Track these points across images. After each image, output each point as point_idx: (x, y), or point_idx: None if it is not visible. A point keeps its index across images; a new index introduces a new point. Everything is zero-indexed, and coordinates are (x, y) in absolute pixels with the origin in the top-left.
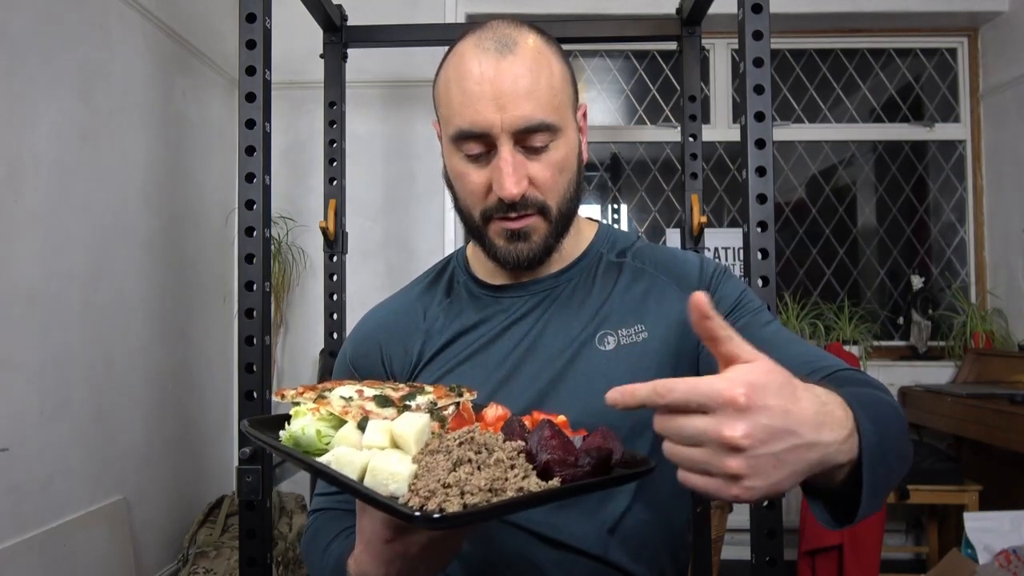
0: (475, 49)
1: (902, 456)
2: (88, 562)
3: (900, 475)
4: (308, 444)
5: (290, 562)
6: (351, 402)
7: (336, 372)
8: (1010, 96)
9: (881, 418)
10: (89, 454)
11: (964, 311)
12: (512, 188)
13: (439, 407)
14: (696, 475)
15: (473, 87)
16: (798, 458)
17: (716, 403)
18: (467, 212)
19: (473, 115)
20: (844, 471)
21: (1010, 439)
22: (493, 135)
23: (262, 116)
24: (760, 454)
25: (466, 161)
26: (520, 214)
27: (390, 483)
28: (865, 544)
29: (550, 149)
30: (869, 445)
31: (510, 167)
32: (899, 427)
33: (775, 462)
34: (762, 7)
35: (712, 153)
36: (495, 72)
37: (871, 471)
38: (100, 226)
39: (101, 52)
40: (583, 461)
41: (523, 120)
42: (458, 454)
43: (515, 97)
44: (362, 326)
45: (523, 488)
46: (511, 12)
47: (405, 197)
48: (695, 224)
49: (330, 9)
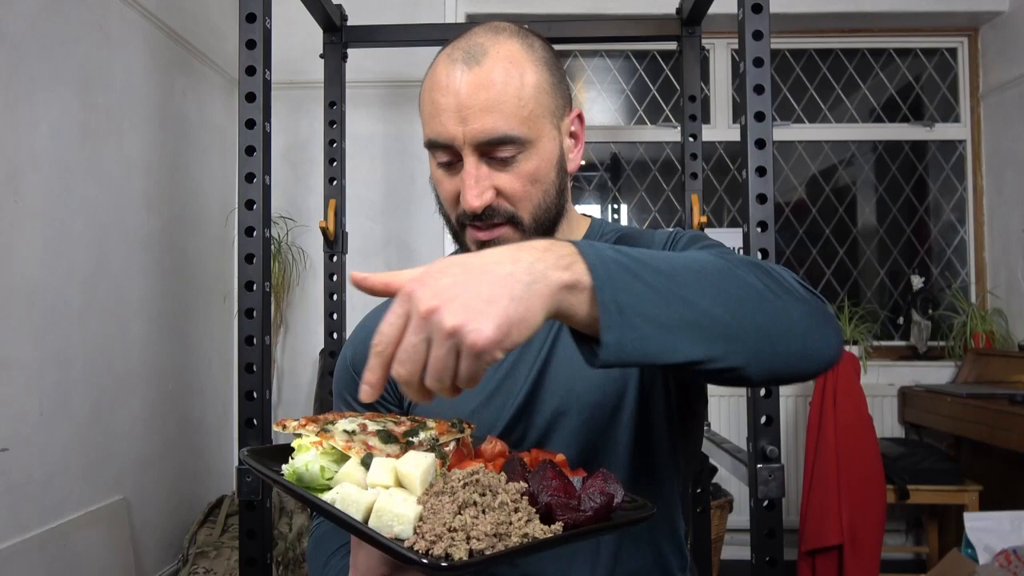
0: (446, 59)
1: (713, 292)
2: (88, 562)
3: (727, 310)
4: (311, 480)
5: (290, 562)
6: (354, 436)
7: (337, 375)
8: (1010, 96)
9: (663, 260)
10: (89, 454)
11: (964, 311)
12: (473, 201)
13: (441, 443)
14: (432, 371)
15: (439, 99)
16: (492, 282)
17: (401, 294)
18: (445, 217)
19: (438, 127)
20: (584, 298)
21: (1010, 439)
22: (456, 147)
23: (262, 116)
24: (455, 296)
25: (440, 169)
26: (488, 223)
27: (395, 525)
28: (865, 544)
29: (519, 161)
30: (602, 268)
31: (472, 179)
32: (715, 272)
33: (470, 293)
34: (762, 7)
35: (712, 153)
36: (459, 84)
37: (607, 291)
38: (100, 226)
39: (101, 52)
40: (586, 505)
41: (484, 134)
42: (463, 496)
43: (476, 110)
44: (362, 329)
45: (528, 534)
46: (511, 12)
47: (405, 197)
48: (695, 224)
49: (330, 9)
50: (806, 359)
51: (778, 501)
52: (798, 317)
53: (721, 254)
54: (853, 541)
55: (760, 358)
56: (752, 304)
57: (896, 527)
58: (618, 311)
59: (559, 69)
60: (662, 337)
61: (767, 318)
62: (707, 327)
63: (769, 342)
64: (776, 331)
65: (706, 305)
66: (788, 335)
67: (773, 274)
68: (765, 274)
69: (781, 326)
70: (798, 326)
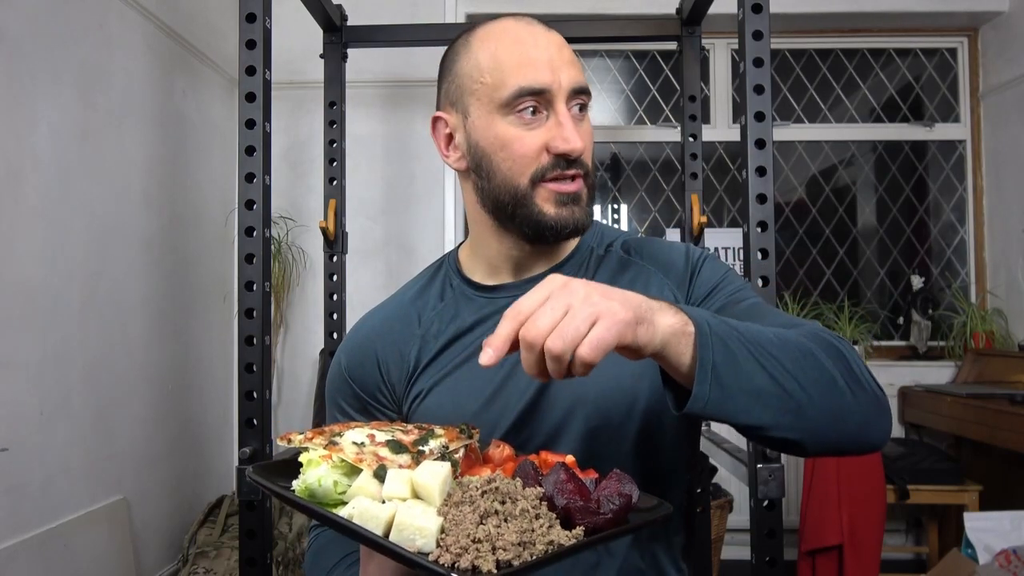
0: (515, 23)
1: (794, 370)
2: (88, 562)
3: (802, 388)
4: (324, 495)
5: (290, 562)
6: (364, 448)
7: (330, 383)
8: (1010, 96)
9: (757, 334)
10: (89, 454)
11: (964, 311)
12: (577, 141)
13: (451, 450)
14: (562, 331)
15: (531, 51)
16: (625, 295)
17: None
18: (511, 183)
19: (534, 73)
20: (688, 348)
21: (1010, 439)
22: (552, 91)
23: (262, 116)
24: (594, 289)
25: (517, 125)
26: (576, 173)
27: (417, 538)
28: (865, 544)
29: (586, 115)
30: (705, 325)
31: (571, 122)
32: (798, 352)
33: (608, 291)
34: (762, 7)
35: (712, 153)
36: (546, 40)
37: (707, 350)
38: (100, 226)
39: (101, 52)
40: (605, 508)
41: (577, 82)
42: (484, 506)
43: (566, 63)
44: (356, 334)
45: (553, 541)
46: (511, 12)
47: (405, 197)
48: (695, 224)
49: (330, 9)
50: (857, 444)
51: (778, 501)
52: (860, 406)
53: (800, 333)
54: (853, 541)
55: (818, 436)
56: (824, 387)
57: (896, 527)
58: (712, 368)
59: None
60: (742, 400)
61: (834, 402)
62: (783, 399)
63: (831, 423)
64: (839, 415)
65: (785, 380)
66: (848, 420)
67: (846, 359)
68: (840, 358)
69: (844, 411)
70: (858, 414)
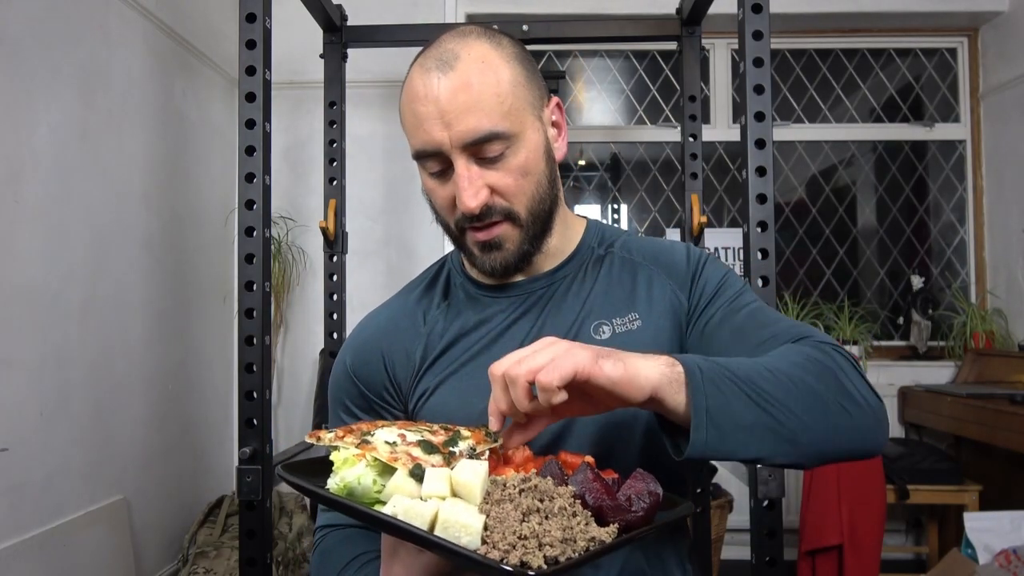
0: (419, 69)
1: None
2: (88, 562)
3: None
4: (363, 494)
5: (290, 562)
6: (396, 447)
7: (334, 382)
8: (1010, 96)
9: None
10: (89, 454)
11: (964, 311)
12: (469, 202)
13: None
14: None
15: (419, 108)
16: (567, 353)
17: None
18: (446, 224)
19: (424, 136)
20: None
21: (1010, 439)
22: (445, 152)
23: (262, 116)
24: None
25: (431, 178)
26: (487, 223)
27: (462, 535)
28: (865, 544)
29: (507, 156)
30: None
31: (466, 181)
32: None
33: (554, 351)
34: (762, 7)
35: (712, 153)
36: (437, 90)
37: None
38: (100, 226)
39: (101, 52)
40: (636, 506)
41: (470, 133)
42: (526, 504)
43: (458, 113)
44: (360, 333)
45: (595, 538)
46: (511, 12)
47: (405, 197)
48: (695, 224)
49: (330, 9)
50: (853, 454)
51: (778, 501)
52: (854, 422)
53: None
54: (853, 541)
55: (814, 456)
56: (817, 413)
57: (896, 527)
58: (707, 413)
59: (531, 62)
60: (740, 437)
61: (827, 424)
62: (777, 431)
63: (826, 444)
64: (833, 435)
65: (778, 412)
66: (842, 437)
67: (838, 378)
68: (831, 379)
69: (838, 431)
70: (852, 430)
